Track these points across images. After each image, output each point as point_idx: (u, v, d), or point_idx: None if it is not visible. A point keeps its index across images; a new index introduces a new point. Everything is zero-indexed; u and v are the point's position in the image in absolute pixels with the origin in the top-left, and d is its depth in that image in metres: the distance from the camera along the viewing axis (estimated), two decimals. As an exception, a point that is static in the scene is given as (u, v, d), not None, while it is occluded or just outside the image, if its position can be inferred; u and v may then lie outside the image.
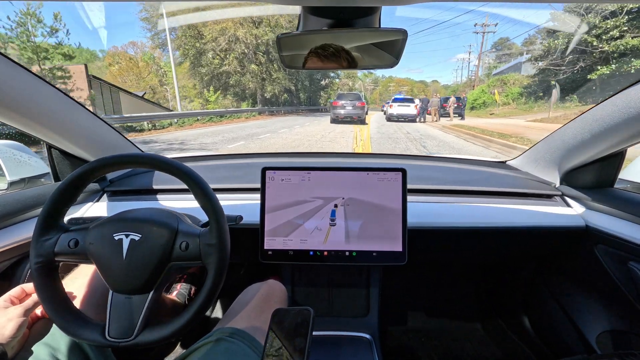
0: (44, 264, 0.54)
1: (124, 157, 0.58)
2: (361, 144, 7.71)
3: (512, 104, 20.37)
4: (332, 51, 0.61)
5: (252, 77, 24.30)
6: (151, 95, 29.45)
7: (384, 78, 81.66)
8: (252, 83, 24.80)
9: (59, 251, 0.55)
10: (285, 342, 0.45)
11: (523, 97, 19.98)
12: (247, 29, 21.94)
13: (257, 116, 19.43)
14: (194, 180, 0.56)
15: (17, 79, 0.69)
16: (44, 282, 0.54)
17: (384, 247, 0.82)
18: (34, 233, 0.55)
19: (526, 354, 1.20)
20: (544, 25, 19.47)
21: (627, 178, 1.04)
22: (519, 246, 1.02)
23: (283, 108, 25.82)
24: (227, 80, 24.50)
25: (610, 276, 0.84)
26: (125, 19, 55.66)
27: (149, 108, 16.83)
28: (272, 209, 0.83)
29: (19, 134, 5.05)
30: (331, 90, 35.17)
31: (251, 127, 12.71)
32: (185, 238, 0.56)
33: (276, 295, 0.83)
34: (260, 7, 19.64)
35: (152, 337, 0.53)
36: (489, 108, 21.27)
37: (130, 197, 1.02)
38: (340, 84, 37.30)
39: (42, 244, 0.55)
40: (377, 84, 78.36)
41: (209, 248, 0.55)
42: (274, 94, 25.78)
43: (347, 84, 38.75)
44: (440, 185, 1.02)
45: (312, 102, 33.72)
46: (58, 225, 0.57)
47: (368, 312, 1.08)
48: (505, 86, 22.55)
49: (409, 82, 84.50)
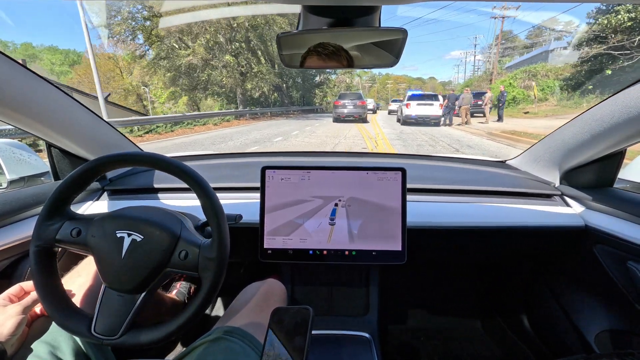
0: (43, 248, 0.55)
1: (145, 156, 0.58)
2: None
3: (551, 100, 16.79)
4: (331, 50, 0.61)
5: (228, 71, 18.98)
6: (123, 97, 24.37)
7: (380, 75, 79.99)
8: (227, 79, 19.40)
9: (60, 238, 0.55)
10: (285, 341, 0.45)
11: (565, 91, 16.35)
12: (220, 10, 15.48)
13: (232, 121, 15.62)
14: (195, 180, 0.56)
15: (17, 78, 0.69)
16: (40, 267, 0.54)
17: (383, 247, 0.82)
18: (39, 216, 0.56)
19: (525, 353, 1.20)
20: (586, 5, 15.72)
21: (626, 178, 1.04)
22: (518, 246, 1.02)
23: (269, 109, 21.39)
24: (198, 75, 19.25)
25: (609, 276, 0.84)
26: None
27: (115, 112, 12.95)
28: (272, 208, 0.83)
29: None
30: (327, 88, 31.74)
31: (215, 137, 9.66)
32: (185, 247, 0.55)
33: (276, 294, 0.83)
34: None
35: (136, 340, 0.53)
36: (520, 105, 17.75)
37: (131, 195, 1.02)
38: (337, 81, 33.91)
39: (46, 228, 0.55)
40: (375, 82, 76.34)
41: (207, 262, 0.54)
42: (262, 92, 21.24)
43: (345, 81, 35.60)
44: (440, 185, 1.02)
45: (306, 102, 29.66)
46: (64, 212, 0.58)
47: (367, 312, 1.08)
48: (535, 78, 18.22)
49: (407, 79, 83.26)
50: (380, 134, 9.74)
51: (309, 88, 29.97)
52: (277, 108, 23.15)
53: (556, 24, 21.33)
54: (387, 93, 72.84)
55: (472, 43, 40.54)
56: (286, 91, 26.15)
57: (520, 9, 23.97)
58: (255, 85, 20.45)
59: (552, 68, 18.96)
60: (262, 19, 18.88)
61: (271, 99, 23.63)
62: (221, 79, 19.38)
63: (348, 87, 35.81)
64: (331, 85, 32.51)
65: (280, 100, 25.71)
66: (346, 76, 35.03)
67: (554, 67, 19.03)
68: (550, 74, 18.40)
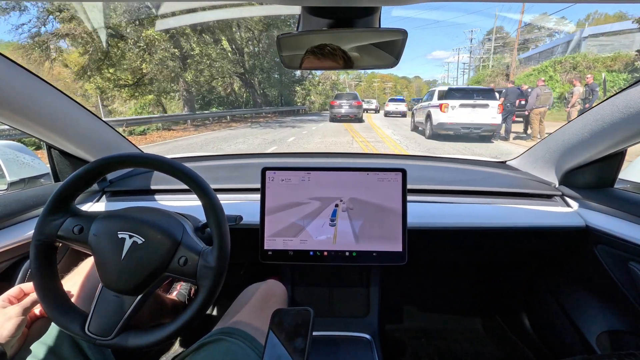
0: (44, 242, 0.55)
1: (147, 157, 0.58)
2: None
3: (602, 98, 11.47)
4: (331, 50, 0.61)
5: (159, 57, 12.76)
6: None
7: (366, 74, 77.35)
8: (157, 66, 13.40)
9: (62, 234, 0.55)
10: (286, 342, 0.45)
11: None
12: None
13: (162, 132, 11.24)
14: (196, 182, 0.56)
15: (17, 79, 0.69)
16: (40, 261, 0.54)
17: (384, 247, 0.82)
18: (43, 211, 0.56)
19: (526, 354, 1.20)
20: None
21: (627, 178, 1.04)
22: (519, 246, 1.02)
23: (228, 113, 15.75)
24: (117, 61, 13.16)
25: (611, 276, 0.84)
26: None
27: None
28: (272, 209, 0.83)
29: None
30: (310, 85, 27.13)
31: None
32: (185, 253, 0.55)
33: (276, 295, 0.83)
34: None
35: (129, 342, 0.53)
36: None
37: (130, 197, 1.02)
38: (322, 78, 29.95)
39: (48, 223, 0.55)
40: (361, 80, 73.12)
41: (206, 270, 0.54)
42: (214, 87, 15.14)
43: (330, 78, 31.65)
44: (440, 186, 1.02)
45: (285, 101, 24.16)
46: (67, 208, 0.58)
47: (368, 312, 1.08)
48: (575, 71, 14.47)
49: (393, 77, 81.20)
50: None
51: (287, 84, 24.45)
52: (242, 110, 17.34)
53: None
54: (374, 92, 71.66)
55: (468, 37, 38.88)
56: (258, 87, 19.84)
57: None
58: (199, 76, 13.77)
59: (599, 58, 14.96)
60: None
61: (240, 98, 17.32)
62: (157, 72, 13.20)
63: (334, 84, 33.01)
64: (315, 82, 28.41)
65: (253, 99, 19.91)
66: (332, 72, 28.48)
67: (600, 56, 15.06)
68: (598, 64, 14.66)
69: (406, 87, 74.30)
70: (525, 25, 28.18)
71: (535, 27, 30.85)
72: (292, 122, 15.26)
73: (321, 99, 29.96)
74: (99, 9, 11.75)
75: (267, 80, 21.34)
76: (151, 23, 12.71)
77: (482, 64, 33.48)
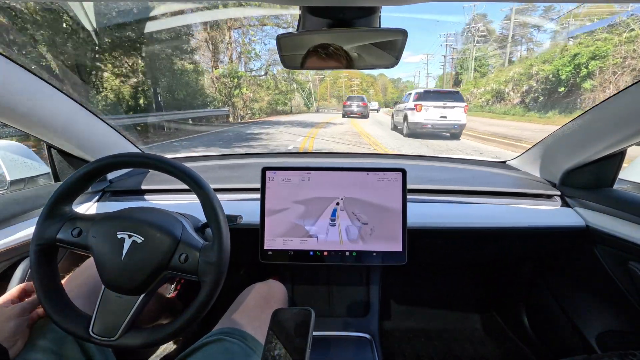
0: (44, 247, 0.55)
1: (147, 157, 0.58)
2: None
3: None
4: (331, 50, 0.61)
5: None
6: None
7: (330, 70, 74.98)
8: None
9: (61, 238, 0.55)
10: (286, 342, 0.45)
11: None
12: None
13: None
14: (196, 182, 0.56)
15: (17, 79, 0.69)
16: (40, 266, 0.54)
17: (383, 247, 0.82)
18: (40, 216, 0.56)
19: (526, 354, 1.20)
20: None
21: (627, 178, 1.04)
22: (519, 246, 1.02)
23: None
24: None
25: (610, 276, 0.84)
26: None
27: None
28: (272, 209, 0.83)
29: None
30: (245, 83, 17.93)
31: None
32: (185, 250, 0.55)
33: (276, 296, 0.83)
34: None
35: (134, 342, 0.53)
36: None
37: (131, 197, 1.02)
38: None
39: (47, 228, 0.55)
40: (324, 77, 61.52)
41: (207, 266, 0.54)
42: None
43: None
44: (440, 185, 1.02)
45: (197, 106, 14.27)
46: (65, 212, 0.58)
47: (368, 312, 1.08)
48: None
49: (359, 74, 75.17)
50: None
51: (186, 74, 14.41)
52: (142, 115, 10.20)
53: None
54: (340, 89, 69.79)
55: (443, 41, 36.34)
56: (152, 87, 12.29)
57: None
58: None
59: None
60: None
61: (124, 104, 10.30)
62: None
63: (292, 80, 24.65)
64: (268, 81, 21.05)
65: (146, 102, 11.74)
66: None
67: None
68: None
69: (372, 84, 72.84)
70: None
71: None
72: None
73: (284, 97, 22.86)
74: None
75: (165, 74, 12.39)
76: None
77: (462, 56, 32.65)
